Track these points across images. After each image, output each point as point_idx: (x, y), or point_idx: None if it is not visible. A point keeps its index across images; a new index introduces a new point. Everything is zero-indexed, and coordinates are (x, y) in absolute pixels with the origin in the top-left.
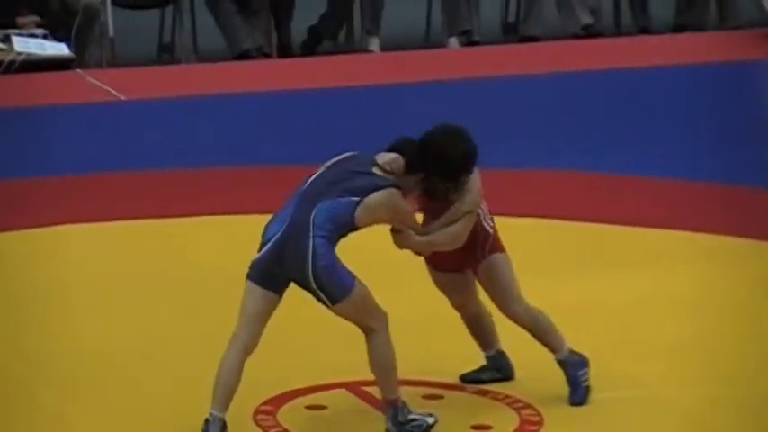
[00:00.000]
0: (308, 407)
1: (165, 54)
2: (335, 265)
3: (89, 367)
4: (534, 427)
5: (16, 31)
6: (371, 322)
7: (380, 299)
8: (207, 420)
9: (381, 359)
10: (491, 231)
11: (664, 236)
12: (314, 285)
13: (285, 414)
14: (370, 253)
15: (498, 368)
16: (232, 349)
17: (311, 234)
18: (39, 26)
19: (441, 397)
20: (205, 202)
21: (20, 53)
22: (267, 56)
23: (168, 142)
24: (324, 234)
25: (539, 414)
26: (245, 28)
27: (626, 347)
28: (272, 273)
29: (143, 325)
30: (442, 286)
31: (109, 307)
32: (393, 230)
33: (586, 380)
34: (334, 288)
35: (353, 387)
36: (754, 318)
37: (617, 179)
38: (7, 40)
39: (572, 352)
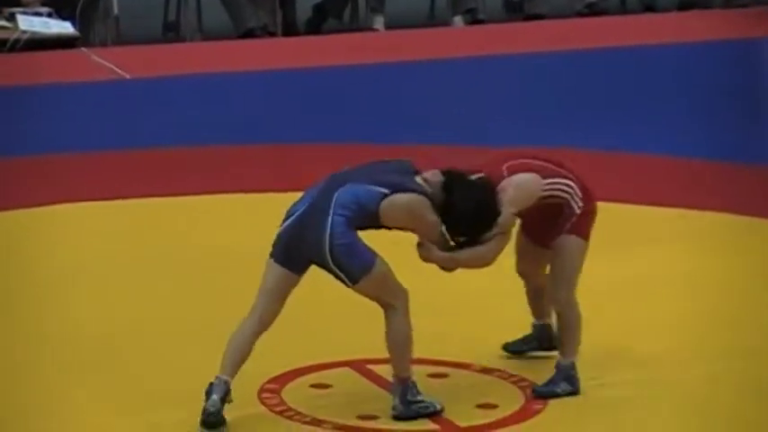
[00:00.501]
0: (313, 385)
1: (170, 32)
2: (354, 243)
3: (96, 350)
4: (539, 406)
5: (21, 9)
6: (392, 300)
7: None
8: (212, 383)
9: (398, 336)
10: (577, 212)
11: (662, 213)
12: (331, 264)
13: (290, 392)
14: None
15: (540, 339)
16: (247, 321)
17: (331, 212)
18: (43, 4)
19: (446, 375)
20: (210, 181)
21: (24, 31)
22: (272, 34)
23: (173, 121)
24: (344, 213)
25: None
26: (250, 6)
27: (624, 326)
28: (292, 251)
29: (149, 306)
30: (521, 251)
31: (112, 288)
32: (419, 243)
33: (563, 390)
34: (353, 267)
35: (358, 366)
36: (753, 296)
37: (620, 157)
38: (12, 18)
39: (574, 367)
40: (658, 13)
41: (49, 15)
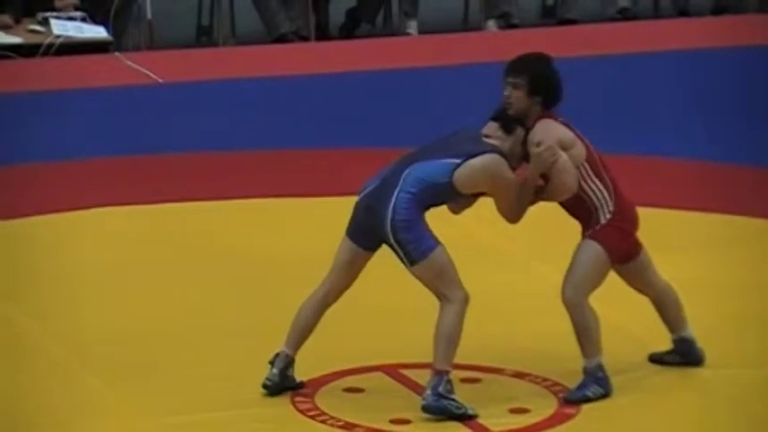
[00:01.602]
0: (346, 389)
1: (204, 37)
2: (417, 223)
3: (125, 352)
4: (572, 411)
5: (54, 13)
6: (448, 292)
7: None
8: (277, 354)
9: (446, 329)
10: (603, 222)
11: (700, 219)
12: (392, 240)
13: (322, 396)
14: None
15: (682, 353)
16: (314, 294)
17: (398, 189)
18: (77, 9)
19: (478, 380)
20: (243, 186)
21: (58, 36)
22: (305, 39)
23: (206, 126)
24: (410, 191)
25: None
26: (284, 11)
27: (661, 330)
28: (362, 227)
29: (178, 310)
30: (620, 274)
31: (138, 289)
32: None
33: (594, 393)
34: (413, 247)
35: (391, 370)
36: None
37: (654, 162)
38: (46, 23)
39: (601, 367)
40: (691, 17)
41: (83, 20)
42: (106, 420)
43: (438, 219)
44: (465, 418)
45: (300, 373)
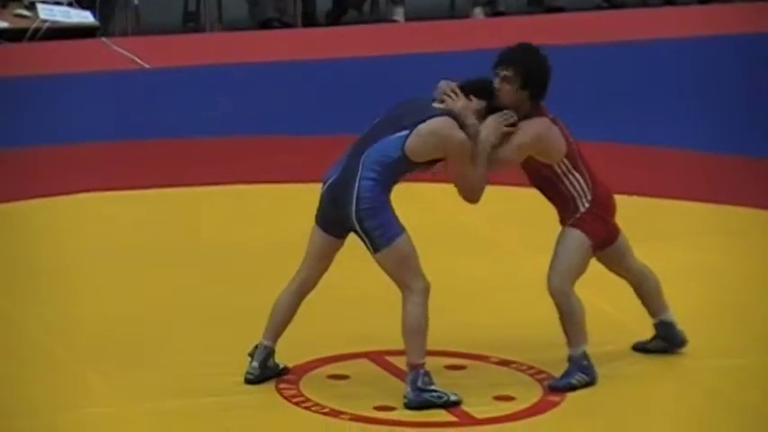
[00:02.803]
0: (330, 376)
1: (190, 22)
2: (382, 208)
3: (114, 339)
4: (557, 398)
5: None
6: (410, 282)
7: None
8: (256, 346)
9: (412, 321)
10: (582, 210)
11: (688, 208)
12: (358, 228)
13: (307, 383)
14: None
15: (664, 337)
16: (290, 284)
17: (359, 176)
18: None
19: (463, 367)
20: (228, 172)
21: (45, 21)
22: (291, 25)
23: (192, 111)
24: (372, 176)
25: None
26: None
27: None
28: (329, 217)
29: (167, 296)
30: (599, 259)
31: (128, 276)
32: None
33: (578, 381)
34: (378, 233)
35: (376, 357)
36: None
37: (639, 150)
38: (32, 7)
39: (586, 356)
40: (678, 6)
41: (70, 5)
42: (94, 407)
43: (424, 208)
44: (449, 405)
45: (285, 360)
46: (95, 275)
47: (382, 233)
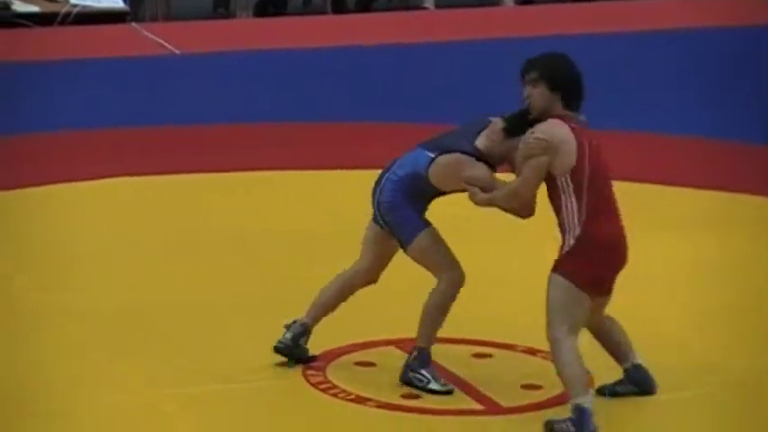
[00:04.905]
0: (357, 363)
1: (221, 8)
2: (401, 206)
3: (129, 325)
4: None
5: None
6: (438, 273)
7: None
8: (294, 320)
9: (429, 307)
10: (566, 249)
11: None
12: (382, 221)
13: (334, 369)
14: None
15: (636, 382)
16: (343, 272)
17: (388, 172)
18: None
19: (490, 356)
20: (257, 158)
21: (75, 5)
22: (322, 12)
23: (221, 97)
24: (396, 175)
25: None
26: None
27: (671, 311)
28: (375, 209)
29: (180, 281)
30: None
31: (151, 262)
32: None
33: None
34: (399, 230)
35: (403, 344)
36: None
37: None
38: None
39: (578, 410)
40: None
41: None
42: (113, 393)
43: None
44: (431, 391)
45: (313, 347)
46: (113, 261)
47: (402, 230)
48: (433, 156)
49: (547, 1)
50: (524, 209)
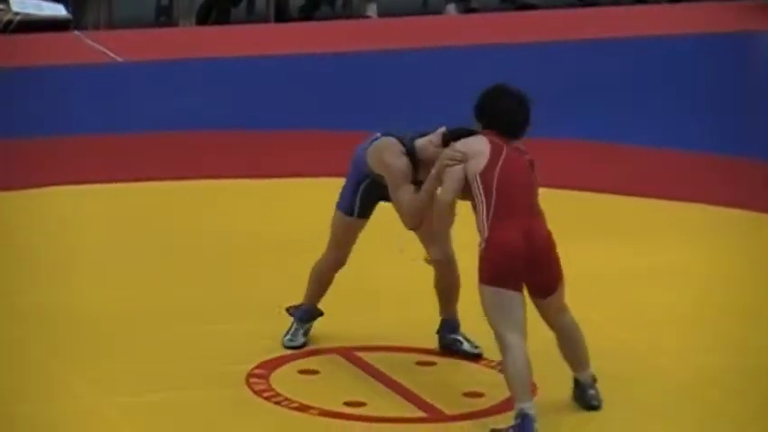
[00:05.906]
0: (301, 371)
1: (163, 17)
2: (346, 184)
3: (92, 333)
4: None
5: None
6: (328, 247)
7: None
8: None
9: (312, 271)
10: (479, 253)
11: (663, 206)
12: None
13: (278, 378)
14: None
15: (576, 397)
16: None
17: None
18: None
19: (434, 363)
20: (200, 166)
21: (17, 13)
22: (266, 20)
23: (164, 105)
24: (359, 151)
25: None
26: None
27: (622, 317)
28: None
29: (143, 289)
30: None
31: (106, 271)
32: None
33: None
34: (340, 194)
35: (346, 352)
36: (752, 291)
37: (614, 149)
38: (5, 0)
39: (521, 415)
40: (650, 4)
41: None
42: (63, 401)
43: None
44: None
45: (256, 355)
46: (72, 270)
47: (338, 201)
48: (377, 136)
49: (491, 9)
50: (413, 218)
